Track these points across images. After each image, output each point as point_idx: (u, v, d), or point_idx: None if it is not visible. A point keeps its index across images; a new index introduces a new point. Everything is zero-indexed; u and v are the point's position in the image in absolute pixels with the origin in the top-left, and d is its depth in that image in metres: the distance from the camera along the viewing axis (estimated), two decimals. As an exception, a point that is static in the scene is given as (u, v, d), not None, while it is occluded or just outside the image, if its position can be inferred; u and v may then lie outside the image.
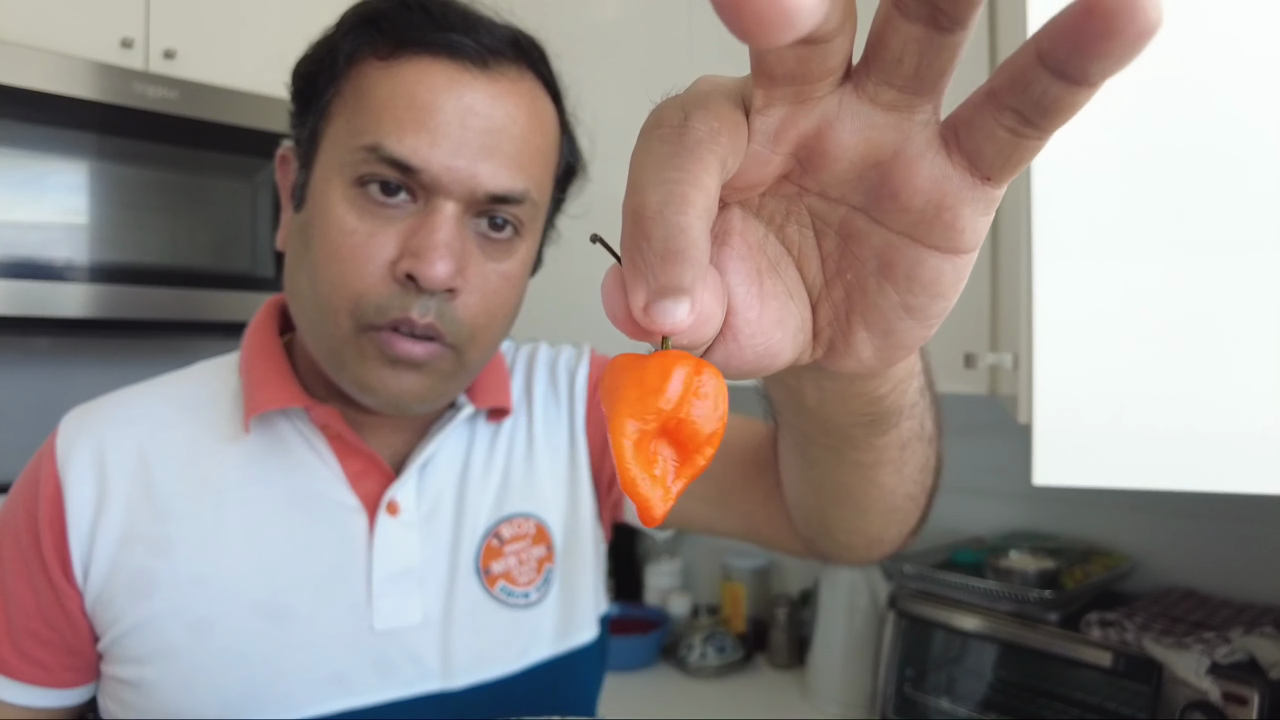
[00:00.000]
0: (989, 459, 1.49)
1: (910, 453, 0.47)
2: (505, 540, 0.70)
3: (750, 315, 0.27)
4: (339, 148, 0.58)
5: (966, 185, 0.24)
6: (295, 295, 0.62)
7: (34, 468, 0.64)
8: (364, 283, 0.57)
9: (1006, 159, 0.23)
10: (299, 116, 0.62)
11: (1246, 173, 0.66)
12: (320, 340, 0.61)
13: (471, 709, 0.65)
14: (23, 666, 0.62)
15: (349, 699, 0.62)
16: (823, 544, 0.61)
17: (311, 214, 0.59)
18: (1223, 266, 0.66)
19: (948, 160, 0.24)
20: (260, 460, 0.65)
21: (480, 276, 0.60)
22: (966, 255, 0.27)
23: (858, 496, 0.51)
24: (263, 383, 0.64)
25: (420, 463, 0.67)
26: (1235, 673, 0.97)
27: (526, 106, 0.60)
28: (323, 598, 0.63)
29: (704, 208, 0.22)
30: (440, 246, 0.56)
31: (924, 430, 0.48)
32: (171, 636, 0.60)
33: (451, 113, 0.56)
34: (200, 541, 0.62)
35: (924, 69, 0.23)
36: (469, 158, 0.57)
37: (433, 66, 0.57)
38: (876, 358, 0.31)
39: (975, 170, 0.24)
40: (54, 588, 0.61)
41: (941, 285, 0.27)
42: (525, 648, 0.69)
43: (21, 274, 1.30)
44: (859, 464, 0.46)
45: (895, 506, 0.53)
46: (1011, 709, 1.27)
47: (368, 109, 0.57)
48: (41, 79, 1.30)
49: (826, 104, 0.24)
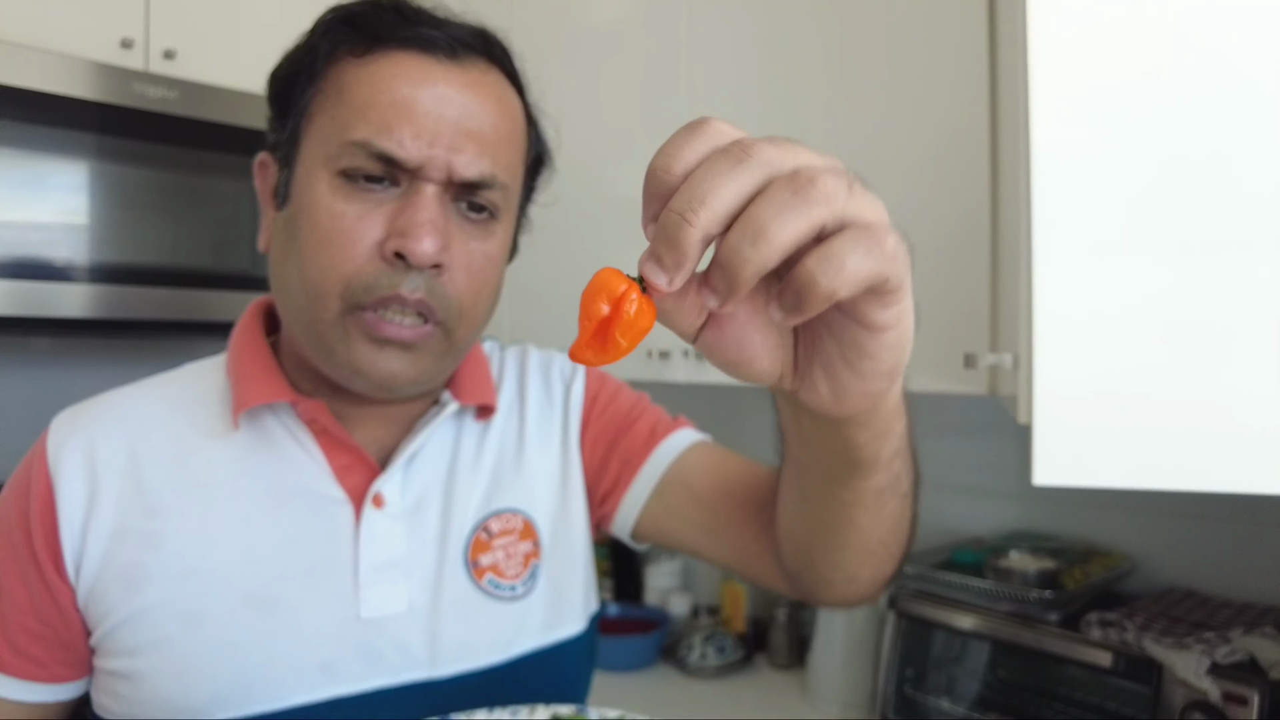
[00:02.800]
0: (989, 459, 1.49)
1: (885, 501, 0.53)
2: (494, 534, 0.72)
3: (740, 318, 0.37)
4: (323, 142, 0.61)
5: None
6: (283, 288, 0.64)
7: (25, 467, 0.66)
8: (353, 264, 0.59)
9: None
10: (279, 119, 0.65)
11: (1246, 173, 0.66)
12: (309, 328, 0.63)
13: (458, 697, 0.67)
14: (17, 662, 0.63)
15: (337, 687, 0.64)
16: (805, 578, 0.66)
17: (297, 207, 0.62)
18: (1222, 266, 0.66)
19: None
20: (248, 455, 0.66)
21: (465, 254, 0.62)
22: (880, 333, 0.35)
23: (838, 532, 0.57)
24: (250, 379, 0.66)
25: (406, 456, 0.68)
26: (1235, 673, 0.98)
27: (495, 96, 0.63)
28: (310, 588, 0.64)
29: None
30: (426, 223, 0.59)
31: (898, 485, 0.53)
32: (164, 628, 0.61)
33: (428, 103, 0.59)
34: (190, 535, 0.63)
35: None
36: (445, 146, 0.60)
37: (406, 60, 0.60)
38: (833, 399, 0.39)
39: None
40: (47, 584, 0.62)
41: (865, 349, 0.36)
42: (511, 639, 0.70)
43: (21, 274, 1.30)
44: (842, 500, 0.52)
45: (870, 549, 0.59)
46: (1011, 709, 1.27)
47: (349, 104, 0.60)
48: (41, 79, 1.30)
49: None
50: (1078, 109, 0.70)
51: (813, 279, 0.31)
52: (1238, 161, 0.66)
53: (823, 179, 0.30)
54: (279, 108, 0.65)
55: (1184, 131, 0.67)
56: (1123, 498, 1.32)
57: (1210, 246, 0.67)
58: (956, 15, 1.16)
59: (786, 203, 0.30)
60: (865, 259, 0.31)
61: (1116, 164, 0.69)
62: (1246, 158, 0.66)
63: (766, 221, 0.30)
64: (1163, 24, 0.68)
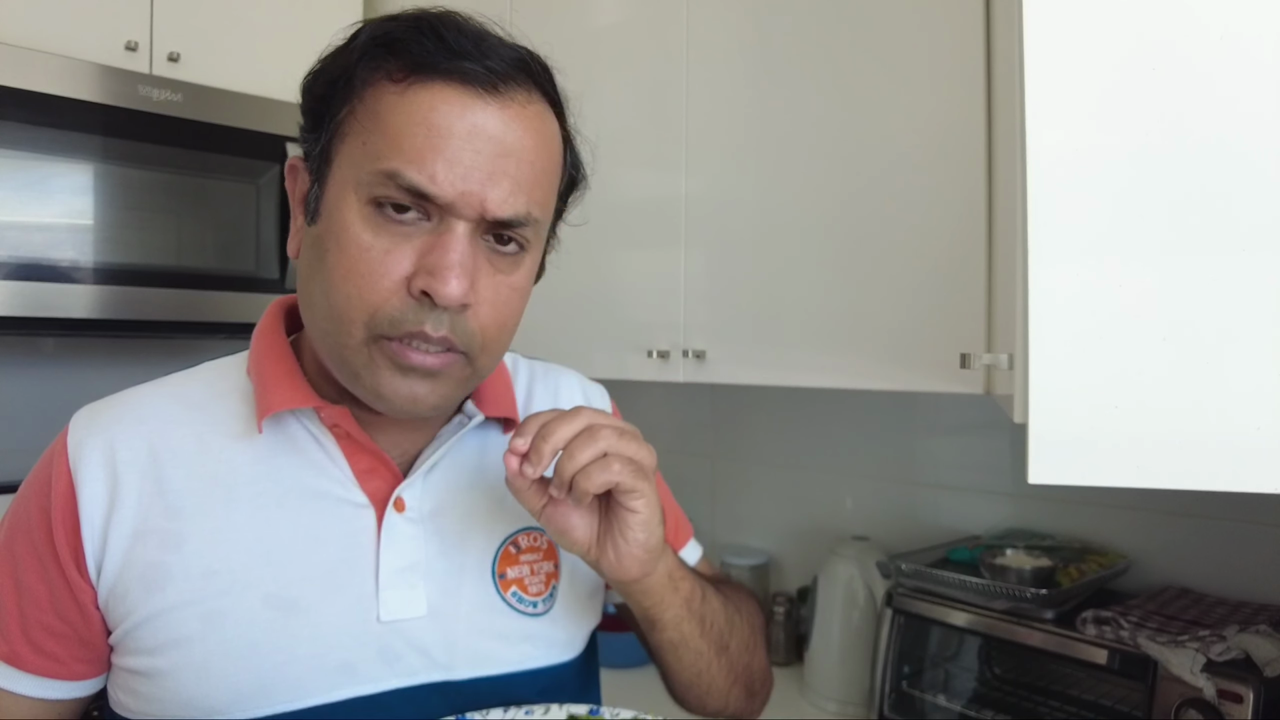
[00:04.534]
0: (985, 458, 1.50)
1: (681, 654, 0.74)
2: (522, 549, 0.73)
3: (565, 505, 0.65)
4: (355, 167, 0.60)
5: None
6: (309, 304, 0.65)
7: (45, 465, 0.66)
8: (379, 297, 0.59)
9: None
10: (311, 131, 0.64)
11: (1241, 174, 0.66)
12: (333, 350, 0.63)
13: (474, 700, 0.68)
14: (35, 659, 0.63)
15: (356, 687, 0.64)
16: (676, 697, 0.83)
17: (326, 228, 0.61)
18: (1217, 267, 0.67)
19: None
20: (269, 458, 0.66)
21: (491, 289, 0.62)
22: (632, 514, 0.64)
23: (661, 665, 0.79)
24: (274, 384, 0.66)
25: (429, 465, 0.69)
26: (1230, 670, 0.98)
27: (535, 129, 0.62)
28: (331, 589, 0.65)
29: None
30: (455, 266, 0.59)
31: (691, 643, 0.73)
32: (185, 627, 0.62)
33: (464, 138, 0.58)
34: (211, 536, 0.64)
35: None
36: (480, 182, 0.59)
37: (446, 91, 0.59)
38: (616, 563, 0.66)
39: None
40: (68, 582, 0.63)
41: (627, 525, 0.64)
42: (529, 652, 0.71)
43: (27, 275, 1.31)
44: (651, 644, 0.76)
45: (689, 684, 0.77)
46: (1007, 706, 1.28)
47: (384, 133, 0.59)
48: (47, 82, 1.31)
49: None
50: (1073, 111, 0.70)
51: (580, 478, 0.61)
52: (1233, 163, 0.66)
53: (604, 431, 0.61)
54: (311, 120, 0.64)
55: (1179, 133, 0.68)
56: (1118, 496, 1.33)
57: (1204, 248, 0.67)
58: (953, 17, 1.16)
59: (584, 442, 0.60)
60: (605, 473, 0.60)
61: (1111, 166, 0.69)
62: (1242, 159, 0.66)
63: (575, 449, 0.60)
64: (1159, 26, 0.68)
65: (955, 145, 1.16)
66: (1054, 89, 0.70)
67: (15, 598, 0.63)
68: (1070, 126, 0.70)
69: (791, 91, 1.34)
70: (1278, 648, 0.99)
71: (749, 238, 1.39)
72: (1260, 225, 0.66)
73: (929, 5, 1.19)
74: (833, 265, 1.29)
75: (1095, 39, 0.70)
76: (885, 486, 1.63)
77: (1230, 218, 0.66)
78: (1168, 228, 0.68)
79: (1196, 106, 0.67)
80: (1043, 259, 0.70)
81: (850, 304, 1.27)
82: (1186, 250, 0.67)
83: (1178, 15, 0.68)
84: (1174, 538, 1.29)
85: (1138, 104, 0.69)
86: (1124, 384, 0.68)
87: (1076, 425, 0.69)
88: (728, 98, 1.42)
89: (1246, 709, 0.95)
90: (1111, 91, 0.69)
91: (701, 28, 1.45)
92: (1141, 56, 0.69)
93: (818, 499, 1.73)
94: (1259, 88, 0.66)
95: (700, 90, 1.45)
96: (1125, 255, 0.68)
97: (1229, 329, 0.66)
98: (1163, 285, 0.68)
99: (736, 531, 1.87)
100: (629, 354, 1.54)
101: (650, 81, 1.52)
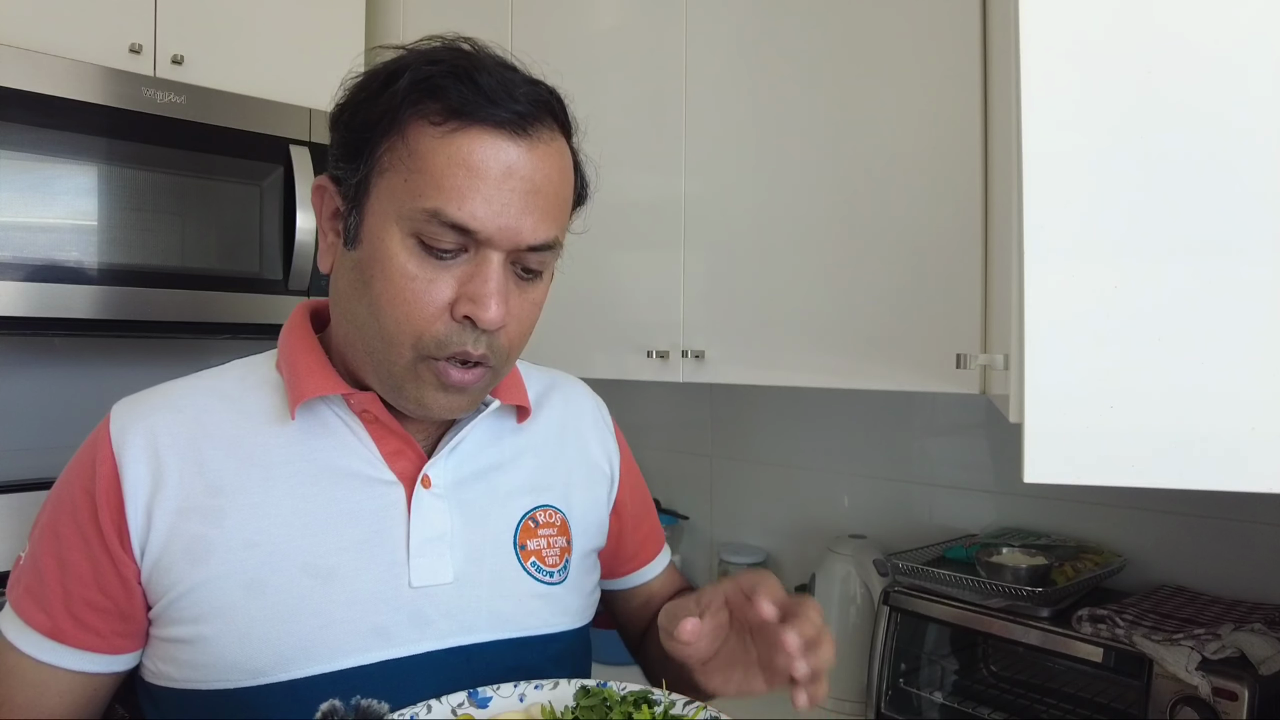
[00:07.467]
0: (981, 457, 1.51)
1: None
2: (540, 524, 0.81)
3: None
4: (394, 200, 0.66)
5: None
6: (354, 322, 0.71)
7: (87, 452, 0.71)
8: (425, 321, 0.67)
9: None
10: (348, 161, 0.69)
11: (1236, 175, 0.67)
12: (380, 365, 0.70)
13: (494, 658, 0.74)
14: (77, 633, 0.69)
15: (389, 650, 0.70)
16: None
17: (369, 255, 0.68)
18: (1210, 267, 0.67)
19: None
20: (303, 440, 0.73)
21: (519, 308, 0.71)
22: None
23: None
24: (306, 374, 0.73)
25: (452, 445, 0.76)
26: (1225, 668, 0.98)
27: (557, 164, 0.70)
28: (365, 558, 0.71)
29: None
30: (495, 294, 0.66)
31: None
32: (228, 596, 0.67)
33: (499, 178, 0.65)
34: (251, 511, 0.69)
35: None
36: (515, 216, 0.66)
37: (483, 136, 0.65)
38: (724, 687, 0.72)
39: None
40: (112, 558, 0.68)
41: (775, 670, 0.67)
42: (546, 618, 0.78)
43: (32, 276, 1.32)
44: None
45: None
46: (1003, 704, 1.29)
47: (426, 172, 0.65)
48: (51, 84, 1.32)
49: None
50: (1069, 112, 0.70)
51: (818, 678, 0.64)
52: (1228, 164, 0.67)
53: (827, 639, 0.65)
54: (347, 149, 0.69)
55: (1174, 134, 0.68)
56: (1113, 495, 1.33)
57: (1199, 248, 0.68)
58: (950, 19, 1.17)
59: (826, 639, 0.65)
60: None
61: (1107, 167, 0.70)
62: (1237, 160, 0.67)
63: (824, 649, 0.64)
64: (1154, 28, 0.69)
65: (951, 146, 1.17)
66: (1050, 90, 0.71)
67: (59, 575, 0.69)
68: (1065, 128, 0.70)
69: (790, 93, 1.34)
70: (1272, 646, 1.00)
71: (748, 238, 1.40)
72: (1255, 227, 0.66)
73: (926, 7, 1.20)
74: (831, 266, 1.30)
75: (1092, 40, 0.70)
76: (882, 485, 1.64)
77: (1225, 219, 0.67)
78: (1163, 229, 0.68)
79: (1192, 108, 0.68)
80: (1038, 260, 0.70)
81: (848, 304, 1.28)
82: (1181, 251, 0.68)
83: (1171, 19, 0.68)
84: (1169, 536, 1.29)
85: (1134, 105, 0.69)
86: (1119, 384, 0.69)
87: (1072, 425, 0.70)
88: (727, 99, 1.43)
89: (1241, 707, 0.96)
90: (1107, 93, 0.70)
91: (701, 29, 1.46)
92: (1138, 58, 0.69)
93: (815, 497, 1.74)
94: (1255, 89, 0.67)
95: (699, 91, 1.46)
96: (1120, 256, 0.69)
97: (1223, 330, 0.67)
98: (1158, 286, 0.68)
99: (735, 530, 1.88)
100: (628, 354, 1.55)
101: (650, 82, 1.53)
